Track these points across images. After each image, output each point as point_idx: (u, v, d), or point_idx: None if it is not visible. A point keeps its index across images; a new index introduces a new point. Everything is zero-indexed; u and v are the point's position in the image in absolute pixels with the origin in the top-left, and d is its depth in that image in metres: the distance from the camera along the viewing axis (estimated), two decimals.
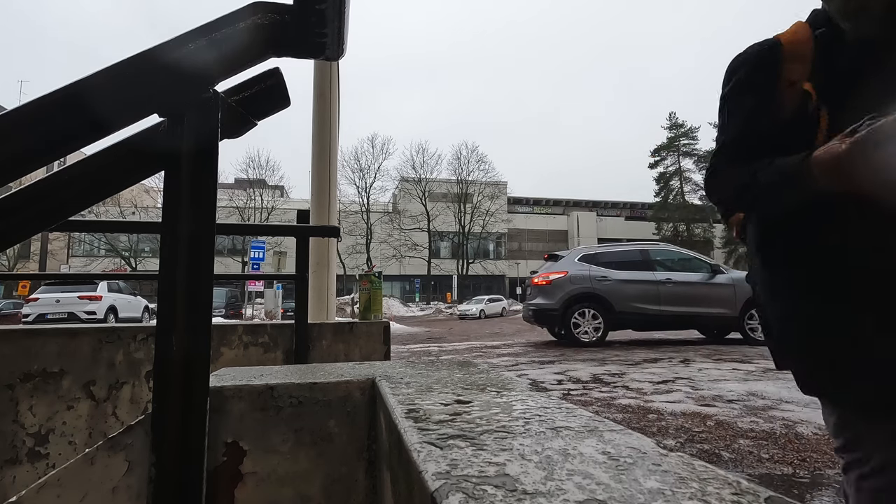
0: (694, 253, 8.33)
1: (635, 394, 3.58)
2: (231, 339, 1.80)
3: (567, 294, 7.33)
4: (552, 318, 7.46)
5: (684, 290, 7.41)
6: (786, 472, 1.99)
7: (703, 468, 0.35)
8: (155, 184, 24.92)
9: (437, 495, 0.32)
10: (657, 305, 7.32)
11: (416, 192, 36.75)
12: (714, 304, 7.32)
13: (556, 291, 7.40)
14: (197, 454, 0.58)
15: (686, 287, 7.43)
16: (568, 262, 7.70)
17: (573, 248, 8.40)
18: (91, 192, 0.55)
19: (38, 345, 1.61)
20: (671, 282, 7.45)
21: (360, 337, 1.91)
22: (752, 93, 0.92)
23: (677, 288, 7.41)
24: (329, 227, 2.75)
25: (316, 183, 3.09)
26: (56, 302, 12.41)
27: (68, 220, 0.67)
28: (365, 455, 0.79)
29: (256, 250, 14.69)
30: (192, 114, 0.57)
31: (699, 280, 7.51)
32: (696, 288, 7.43)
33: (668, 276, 7.52)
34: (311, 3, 0.54)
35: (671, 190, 42.20)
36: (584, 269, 7.54)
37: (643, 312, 7.31)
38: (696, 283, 7.48)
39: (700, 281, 7.49)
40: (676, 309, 7.31)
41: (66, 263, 29.66)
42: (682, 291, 7.40)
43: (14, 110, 0.45)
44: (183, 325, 0.57)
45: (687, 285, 7.45)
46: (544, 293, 7.52)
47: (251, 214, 31.57)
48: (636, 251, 7.97)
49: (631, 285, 7.41)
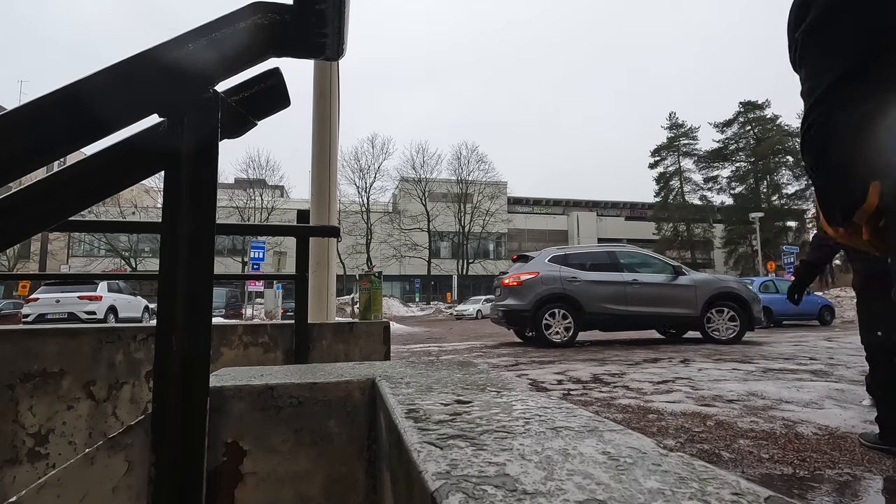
0: (657, 255, 8.59)
1: (635, 394, 3.58)
2: (231, 339, 1.80)
3: (538, 295, 7.39)
4: (523, 319, 7.50)
5: (650, 291, 7.61)
6: (786, 472, 1.99)
7: (703, 468, 0.35)
8: (155, 184, 24.91)
9: (437, 495, 0.32)
10: (625, 306, 7.49)
11: (416, 192, 36.74)
12: (677, 305, 7.55)
13: (526, 292, 7.45)
14: (197, 454, 0.58)
15: (652, 288, 7.64)
16: (538, 263, 7.78)
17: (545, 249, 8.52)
18: (91, 192, 0.55)
19: (38, 345, 1.61)
20: (638, 283, 7.63)
21: (360, 337, 1.91)
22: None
23: (643, 289, 7.60)
24: (329, 227, 2.75)
25: (316, 183, 3.08)
26: (56, 302, 12.42)
27: (68, 220, 0.67)
28: (365, 455, 0.79)
29: (256, 250, 14.70)
30: (192, 114, 0.57)
31: (663, 281, 7.71)
32: (661, 289, 7.64)
33: (635, 277, 7.70)
34: (311, 3, 0.54)
35: (671, 190, 42.19)
36: (555, 270, 7.62)
37: (612, 313, 7.47)
38: (661, 283, 7.69)
39: (664, 282, 7.70)
40: (643, 309, 7.51)
41: (66, 263, 29.66)
42: (648, 292, 7.60)
43: (14, 110, 0.45)
44: (183, 325, 0.57)
45: (652, 286, 7.65)
46: (515, 294, 7.58)
47: (251, 214, 31.56)
48: (604, 252, 8.13)
49: (600, 286, 7.55)
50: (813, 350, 6.52)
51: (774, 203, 39.05)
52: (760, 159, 39.53)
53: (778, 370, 4.63)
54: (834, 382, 3.91)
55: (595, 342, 8.16)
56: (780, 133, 39.58)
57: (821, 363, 5.13)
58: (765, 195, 39.94)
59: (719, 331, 7.51)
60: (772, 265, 23.48)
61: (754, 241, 29.44)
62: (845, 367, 4.77)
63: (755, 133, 40.16)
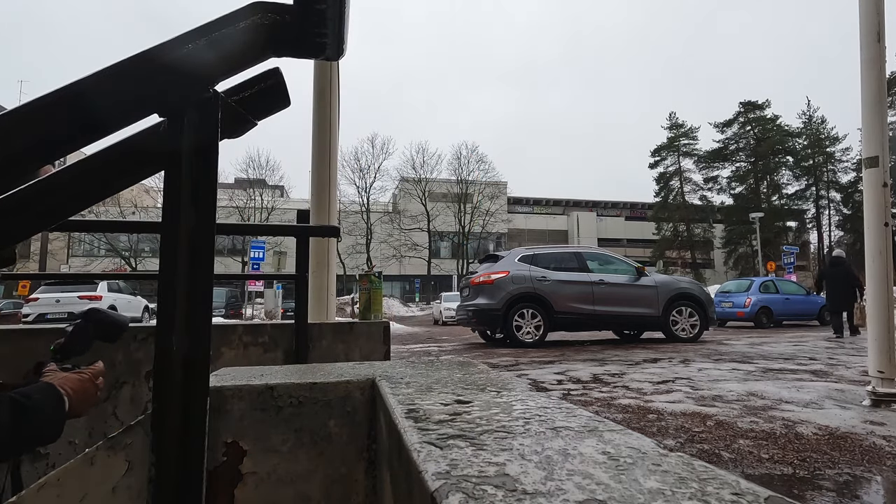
0: (621, 256, 8.78)
1: (635, 394, 3.58)
2: (231, 339, 1.80)
3: (509, 294, 7.42)
4: (494, 319, 7.51)
5: (616, 291, 7.77)
6: (786, 472, 1.99)
7: (703, 468, 0.35)
8: (155, 184, 24.90)
9: (437, 495, 0.32)
10: (592, 305, 7.61)
11: (416, 192, 36.73)
12: (641, 305, 7.72)
13: (497, 291, 7.47)
14: (197, 454, 0.58)
15: (617, 288, 7.79)
16: (508, 263, 7.83)
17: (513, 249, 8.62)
18: (91, 192, 0.55)
19: (39, 345, 1.61)
20: (604, 283, 7.76)
21: (360, 337, 1.91)
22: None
23: (610, 289, 7.75)
24: (329, 227, 2.75)
25: (316, 183, 3.08)
26: (56, 302, 12.43)
27: (68, 220, 0.67)
28: (365, 455, 0.79)
29: (256, 250, 14.70)
30: (192, 114, 0.57)
31: (627, 281, 7.87)
32: (625, 289, 7.80)
33: (601, 278, 7.83)
34: (311, 3, 0.54)
35: (671, 190, 42.20)
36: (525, 270, 7.66)
37: (581, 312, 7.58)
38: (626, 284, 7.85)
39: (628, 282, 7.86)
40: (609, 309, 7.65)
41: (66, 263, 29.66)
42: (614, 292, 7.75)
43: (14, 110, 0.45)
44: (183, 325, 0.57)
45: (618, 286, 7.81)
46: (485, 293, 7.60)
47: (251, 214, 31.56)
48: (571, 253, 8.27)
49: (568, 286, 7.65)
50: (813, 350, 6.52)
51: (774, 203, 39.06)
52: (760, 159, 39.54)
53: (778, 370, 4.63)
54: (834, 382, 3.91)
55: (558, 342, 8.21)
56: (780, 133, 39.60)
57: (821, 363, 5.13)
58: (765, 195, 39.94)
59: (685, 329, 7.74)
60: (772, 265, 23.47)
61: (754, 241, 29.43)
62: (845, 367, 4.77)
63: (755, 133, 40.15)
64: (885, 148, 3.09)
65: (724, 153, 41.22)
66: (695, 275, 34.64)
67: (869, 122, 3.12)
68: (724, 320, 13.15)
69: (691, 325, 7.77)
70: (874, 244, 3.08)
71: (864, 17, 3.12)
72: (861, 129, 3.23)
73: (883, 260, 3.04)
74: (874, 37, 3.09)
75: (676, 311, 7.74)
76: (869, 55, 3.10)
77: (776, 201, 39.37)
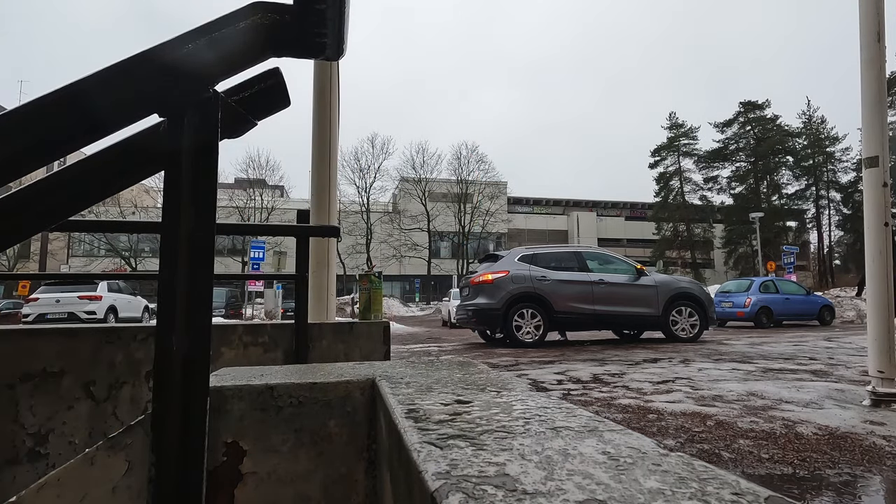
0: (621, 256, 8.77)
1: (635, 394, 3.58)
2: (231, 339, 1.80)
3: (509, 294, 7.41)
4: (494, 319, 7.49)
5: (616, 291, 7.75)
6: (786, 472, 1.99)
7: (703, 468, 0.35)
8: (155, 184, 24.92)
9: (437, 495, 0.32)
10: (592, 305, 7.60)
11: (416, 192, 36.74)
12: (641, 304, 7.71)
13: (497, 291, 7.46)
14: (197, 454, 0.58)
15: (617, 288, 7.78)
16: (508, 262, 7.81)
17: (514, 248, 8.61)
18: (91, 192, 0.55)
19: (39, 345, 1.61)
20: (604, 282, 7.75)
21: (360, 337, 1.91)
22: None
23: (609, 288, 7.73)
24: (329, 227, 2.75)
25: (316, 183, 3.08)
26: (56, 302, 12.43)
27: (68, 220, 0.67)
28: (365, 455, 0.79)
29: (256, 250, 14.71)
30: (192, 114, 0.57)
31: (627, 281, 7.85)
32: (625, 289, 7.79)
33: (601, 277, 7.81)
34: (311, 3, 0.54)
35: (671, 190, 42.20)
36: (525, 269, 7.64)
37: (580, 312, 7.56)
38: (625, 283, 7.83)
39: (628, 282, 7.84)
40: (609, 309, 7.64)
41: (66, 263, 29.68)
42: (614, 292, 7.73)
43: (14, 110, 0.45)
44: (183, 325, 0.57)
45: (618, 286, 7.79)
46: (485, 293, 7.58)
47: (251, 214, 31.55)
48: (570, 253, 8.27)
49: (568, 285, 7.63)
50: (813, 350, 6.52)
51: (774, 203, 39.06)
52: (760, 159, 39.54)
53: (778, 370, 4.63)
54: (834, 382, 3.91)
55: (558, 342, 8.20)
56: (780, 133, 39.60)
57: (821, 363, 5.13)
58: (765, 195, 39.95)
59: (685, 329, 7.74)
60: (772, 265, 23.46)
61: (754, 241, 29.42)
62: (845, 367, 4.77)
63: (755, 133, 40.16)
64: (885, 148, 3.09)
65: (724, 153, 41.23)
66: (695, 275, 34.66)
67: (869, 121, 3.12)
68: (724, 320, 13.14)
69: (691, 324, 7.78)
70: (874, 244, 3.08)
71: (864, 17, 3.12)
72: (861, 128, 3.23)
73: (883, 260, 3.04)
74: (874, 37, 3.09)
75: (676, 310, 7.74)
76: (869, 55, 3.10)
77: (776, 201, 39.37)
